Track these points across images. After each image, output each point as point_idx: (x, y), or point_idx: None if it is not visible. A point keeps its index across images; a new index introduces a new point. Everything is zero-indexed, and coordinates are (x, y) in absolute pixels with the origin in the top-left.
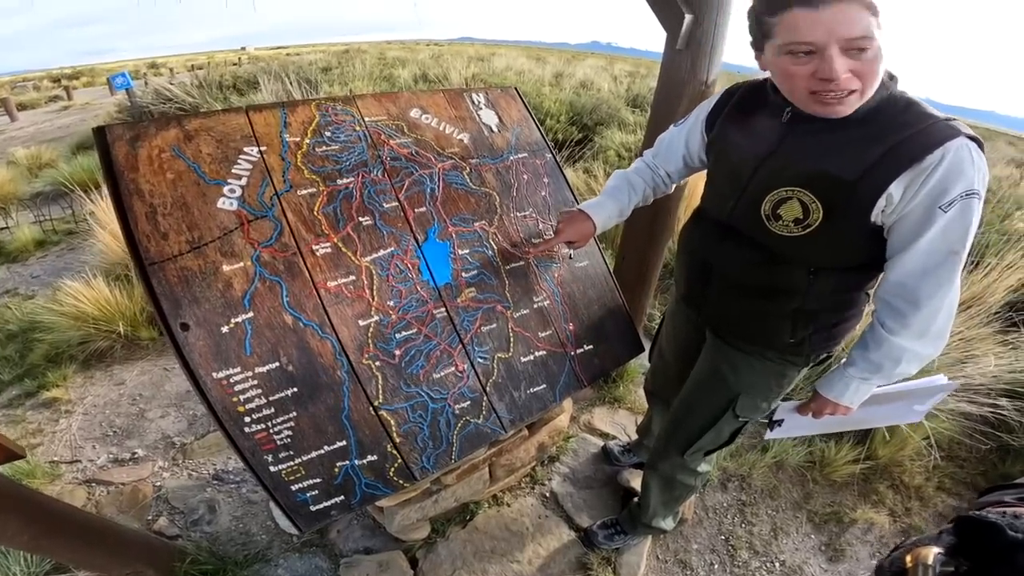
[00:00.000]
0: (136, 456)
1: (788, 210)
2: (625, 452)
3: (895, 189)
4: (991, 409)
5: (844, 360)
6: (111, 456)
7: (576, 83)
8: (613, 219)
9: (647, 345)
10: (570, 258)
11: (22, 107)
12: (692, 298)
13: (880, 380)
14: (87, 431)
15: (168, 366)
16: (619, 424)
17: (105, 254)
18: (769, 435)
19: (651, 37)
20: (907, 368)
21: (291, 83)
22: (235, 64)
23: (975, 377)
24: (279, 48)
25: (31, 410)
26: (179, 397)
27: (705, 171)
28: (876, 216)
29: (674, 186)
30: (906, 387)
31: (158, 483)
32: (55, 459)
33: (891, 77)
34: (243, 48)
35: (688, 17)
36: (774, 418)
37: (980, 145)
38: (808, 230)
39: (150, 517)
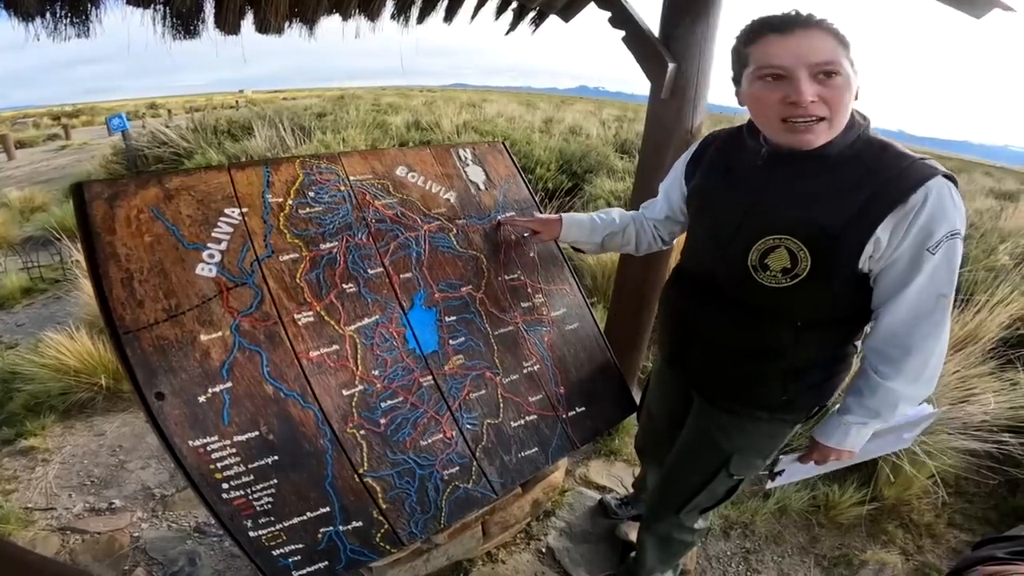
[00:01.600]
0: (114, 506)
1: (776, 259)
2: (622, 505)
3: (882, 233)
4: (995, 445)
5: (839, 408)
6: (87, 505)
7: (565, 129)
8: (583, 233)
9: None
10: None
11: (20, 145)
12: (677, 361)
13: (878, 424)
14: (64, 479)
15: None
16: (616, 476)
17: (89, 306)
18: (771, 485)
19: (637, 81)
20: (903, 410)
21: (285, 129)
22: (232, 107)
23: (976, 415)
24: (276, 92)
25: (7, 457)
26: (160, 449)
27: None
28: (864, 263)
29: (662, 244)
30: (896, 421)
31: (136, 533)
32: (29, 506)
33: (864, 118)
34: (241, 91)
35: (671, 66)
36: (775, 470)
37: (955, 183)
38: (796, 280)
39: (126, 567)
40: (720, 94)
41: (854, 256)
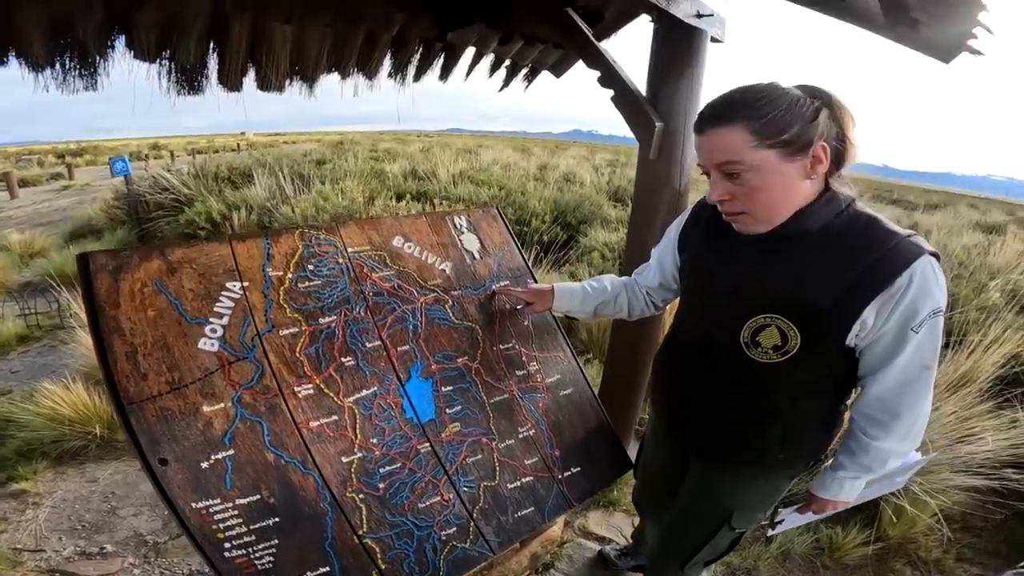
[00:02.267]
0: (105, 551)
1: (767, 337)
2: (622, 556)
3: (868, 314)
4: (998, 481)
5: (831, 464)
6: (78, 548)
7: (559, 176)
8: (575, 303)
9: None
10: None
11: (24, 183)
12: (673, 425)
13: (870, 477)
14: (54, 523)
15: None
16: (615, 527)
17: (86, 357)
18: (771, 533)
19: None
20: (893, 464)
21: (284, 178)
22: (234, 150)
23: (977, 454)
24: (277, 135)
25: None
26: (154, 497)
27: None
28: (851, 340)
29: (655, 310)
30: (887, 470)
31: None
32: (18, 547)
33: (850, 194)
34: (243, 133)
35: (659, 125)
36: (775, 520)
37: (938, 258)
38: (787, 356)
39: None
40: None
41: (842, 334)
